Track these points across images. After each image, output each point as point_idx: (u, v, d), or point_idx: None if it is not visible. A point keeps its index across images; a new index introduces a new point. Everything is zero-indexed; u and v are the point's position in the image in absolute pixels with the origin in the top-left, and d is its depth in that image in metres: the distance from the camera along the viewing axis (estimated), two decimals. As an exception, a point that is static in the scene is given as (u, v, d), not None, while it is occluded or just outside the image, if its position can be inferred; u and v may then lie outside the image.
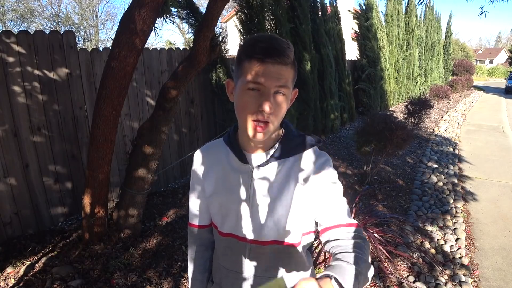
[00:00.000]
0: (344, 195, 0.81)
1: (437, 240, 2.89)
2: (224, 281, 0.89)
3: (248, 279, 0.85)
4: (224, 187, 0.82)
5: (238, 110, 0.74)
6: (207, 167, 0.87)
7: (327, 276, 0.57)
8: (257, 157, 0.80)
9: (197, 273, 0.99)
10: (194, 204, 0.92)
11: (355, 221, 0.74)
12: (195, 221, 0.94)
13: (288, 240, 0.81)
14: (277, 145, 0.80)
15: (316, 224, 0.82)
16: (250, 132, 0.73)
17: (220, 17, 2.42)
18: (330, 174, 0.80)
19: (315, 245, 2.20)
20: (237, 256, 0.84)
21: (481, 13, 3.18)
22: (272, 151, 0.80)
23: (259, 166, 0.80)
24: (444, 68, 16.54)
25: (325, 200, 0.78)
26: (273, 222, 0.79)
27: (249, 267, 0.84)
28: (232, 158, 0.82)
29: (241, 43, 0.77)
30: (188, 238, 0.99)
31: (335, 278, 0.56)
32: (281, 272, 0.84)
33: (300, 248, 0.83)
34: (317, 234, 0.84)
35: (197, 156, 0.90)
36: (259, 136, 0.72)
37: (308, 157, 0.81)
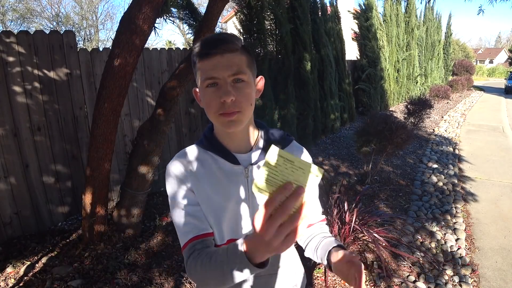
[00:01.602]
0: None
1: (437, 240, 2.89)
2: None
3: (249, 280, 0.84)
4: (218, 194, 0.77)
5: (206, 110, 0.74)
6: (191, 178, 0.78)
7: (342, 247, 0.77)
8: (247, 156, 0.80)
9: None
10: (191, 212, 0.77)
11: (324, 216, 0.91)
12: (203, 230, 0.76)
13: None
14: (262, 142, 0.82)
15: None
16: (223, 124, 0.72)
17: (220, 17, 2.42)
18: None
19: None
20: None
21: (479, 12, 3.20)
22: (259, 149, 0.81)
23: (252, 164, 0.80)
24: (444, 68, 16.53)
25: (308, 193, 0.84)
26: None
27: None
28: (220, 162, 0.78)
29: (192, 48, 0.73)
30: (192, 259, 0.71)
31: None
32: (283, 265, 0.86)
33: None
34: None
35: (175, 169, 0.79)
36: (231, 124, 0.71)
37: (292, 150, 0.86)
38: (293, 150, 0.86)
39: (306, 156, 0.88)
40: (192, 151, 0.82)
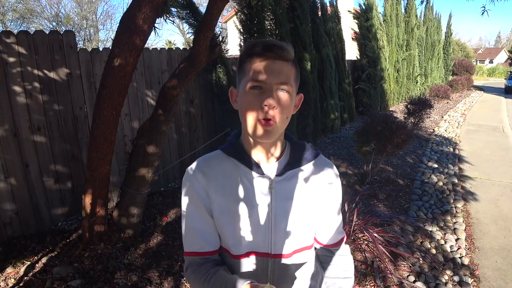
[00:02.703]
0: (343, 196, 0.82)
1: (437, 240, 2.89)
2: None
3: None
4: (240, 204, 0.75)
5: (242, 112, 0.71)
6: (211, 185, 0.76)
7: None
8: (271, 167, 0.77)
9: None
10: (198, 228, 0.78)
11: (344, 235, 0.90)
12: (204, 248, 0.78)
13: (305, 244, 0.82)
14: (288, 153, 0.80)
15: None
16: (257, 132, 0.69)
17: (220, 17, 2.42)
18: (339, 183, 0.86)
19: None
20: (258, 274, 0.79)
21: (483, 12, 3.17)
22: (285, 160, 0.79)
23: (276, 176, 0.77)
24: (444, 68, 16.53)
25: (330, 208, 0.85)
26: (296, 232, 0.79)
27: (273, 284, 0.80)
28: (244, 171, 0.76)
29: (243, 47, 0.77)
30: (191, 272, 0.79)
31: None
32: (303, 280, 0.83)
33: (313, 249, 0.86)
34: None
35: (194, 174, 0.78)
36: (266, 134, 0.69)
37: (319, 165, 0.83)
38: (320, 164, 0.83)
39: (331, 171, 0.84)
40: (215, 157, 0.80)
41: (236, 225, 0.76)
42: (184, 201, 0.79)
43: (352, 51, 9.34)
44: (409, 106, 6.71)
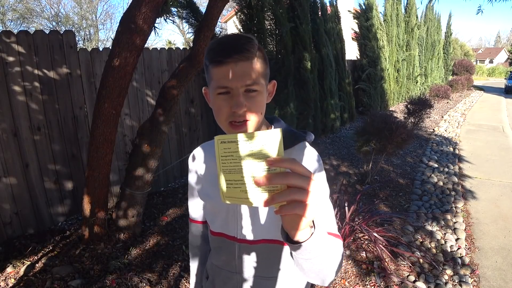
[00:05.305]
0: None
1: (437, 240, 2.89)
2: (216, 279, 0.89)
3: (239, 278, 0.84)
4: (215, 188, 0.78)
5: (215, 115, 0.73)
6: (199, 168, 0.89)
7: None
8: None
9: (200, 265, 1.03)
10: (192, 201, 0.95)
11: (336, 233, 0.74)
12: (195, 217, 0.98)
13: (278, 237, 0.78)
14: None
15: None
16: (232, 133, 0.71)
17: (220, 17, 2.42)
18: (322, 173, 0.79)
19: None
20: (227, 256, 0.84)
21: (478, 11, 3.21)
22: None
23: None
24: (444, 68, 16.53)
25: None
26: (263, 220, 0.78)
27: (240, 267, 0.83)
28: None
29: (206, 48, 0.75)
30: (189, 231, 1.03)
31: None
32: (274, 271, 0.82)
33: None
34: None
35: (191, 157, 0.92)
36: None
37: (299, 152, 0.79)
38: (300, 150, 0.78)
39: (310, 159, 0.79)
40: (207, 146, 0.90)
41: (212, 207, 0.84)
42: (188, 178, 0.95)
43: (352, 51, 9.34)
44: (409, 106, 6.71)
